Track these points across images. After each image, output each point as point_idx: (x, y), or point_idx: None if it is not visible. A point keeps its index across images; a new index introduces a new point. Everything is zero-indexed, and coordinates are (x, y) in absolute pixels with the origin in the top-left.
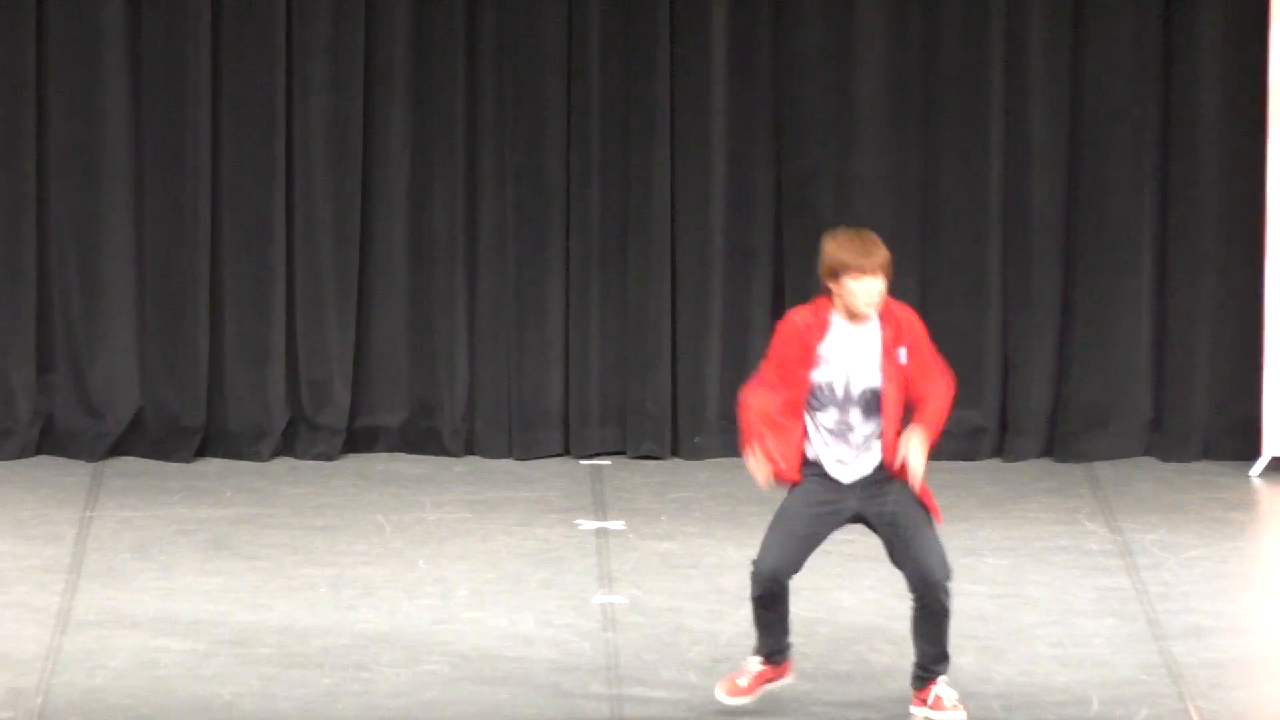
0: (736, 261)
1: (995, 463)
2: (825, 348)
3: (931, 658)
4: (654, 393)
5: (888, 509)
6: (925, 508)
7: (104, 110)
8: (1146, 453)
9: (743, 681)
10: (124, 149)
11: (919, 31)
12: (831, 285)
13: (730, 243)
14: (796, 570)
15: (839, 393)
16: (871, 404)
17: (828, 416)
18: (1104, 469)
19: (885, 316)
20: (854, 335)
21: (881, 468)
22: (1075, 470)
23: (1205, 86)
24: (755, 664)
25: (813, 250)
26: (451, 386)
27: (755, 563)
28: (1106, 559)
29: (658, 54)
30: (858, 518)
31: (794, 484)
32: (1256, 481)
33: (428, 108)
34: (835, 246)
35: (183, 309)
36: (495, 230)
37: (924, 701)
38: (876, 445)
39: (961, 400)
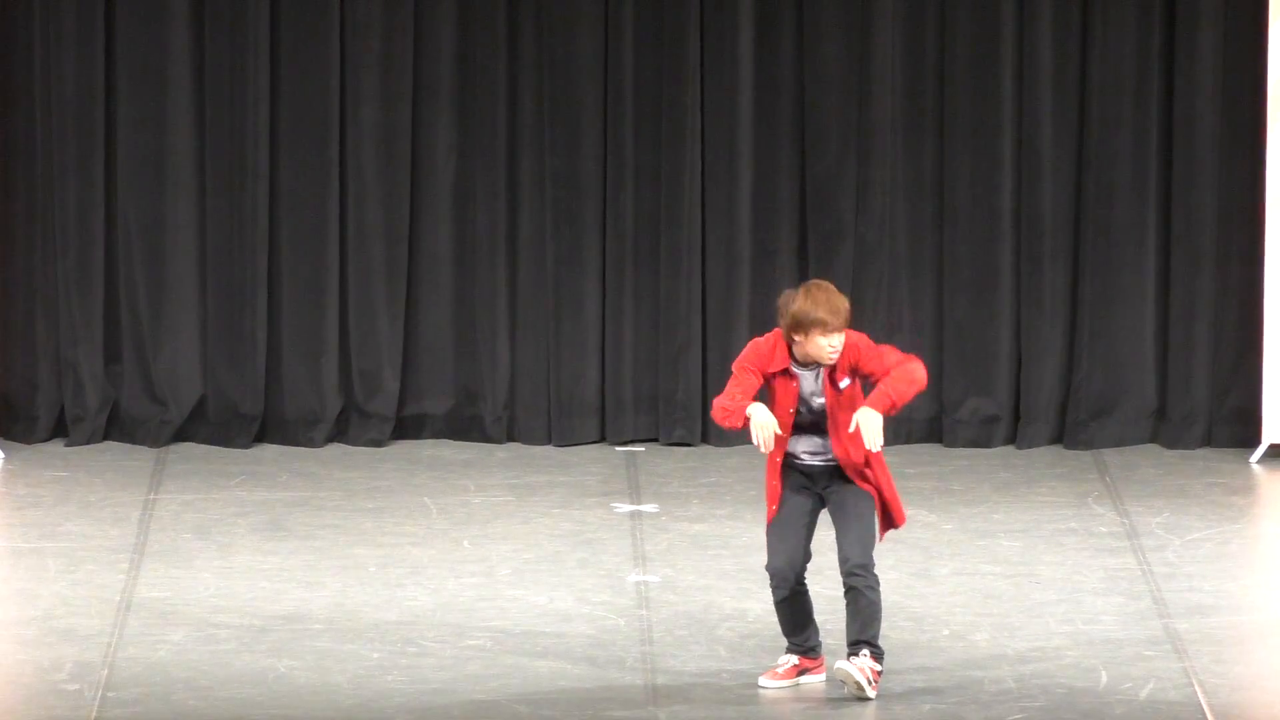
0: (761, 259)
1: (1008, 449)
2: (798, 386)
3: (852, 638)
4: (685, 382)
5: (834, 498)
6: (869, 505)
7: (169, 119)
8: (1151, 440)
9: (780, 670)
10: (188, 155)
11: (933, 45)
12: (797, 337)
13: (756, 242)
14: (806, 560)
15: (803, 413)
16: (824, 419)
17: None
18: (1111, 455)
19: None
20: (808, 373)
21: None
22: (1084, 456)
23: (1204, 95)
24: (792, 658)
25: (833, 249)
26: (494, 377)
27: (768, 565)
28: (1114, 540)
29: (688, 65)
30: (821, 502)
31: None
32: (1256, 467)
33: (471, 117)
34: (808, 304)
35: (242, 304)
36: (534, 230)
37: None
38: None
39: (976, 391)
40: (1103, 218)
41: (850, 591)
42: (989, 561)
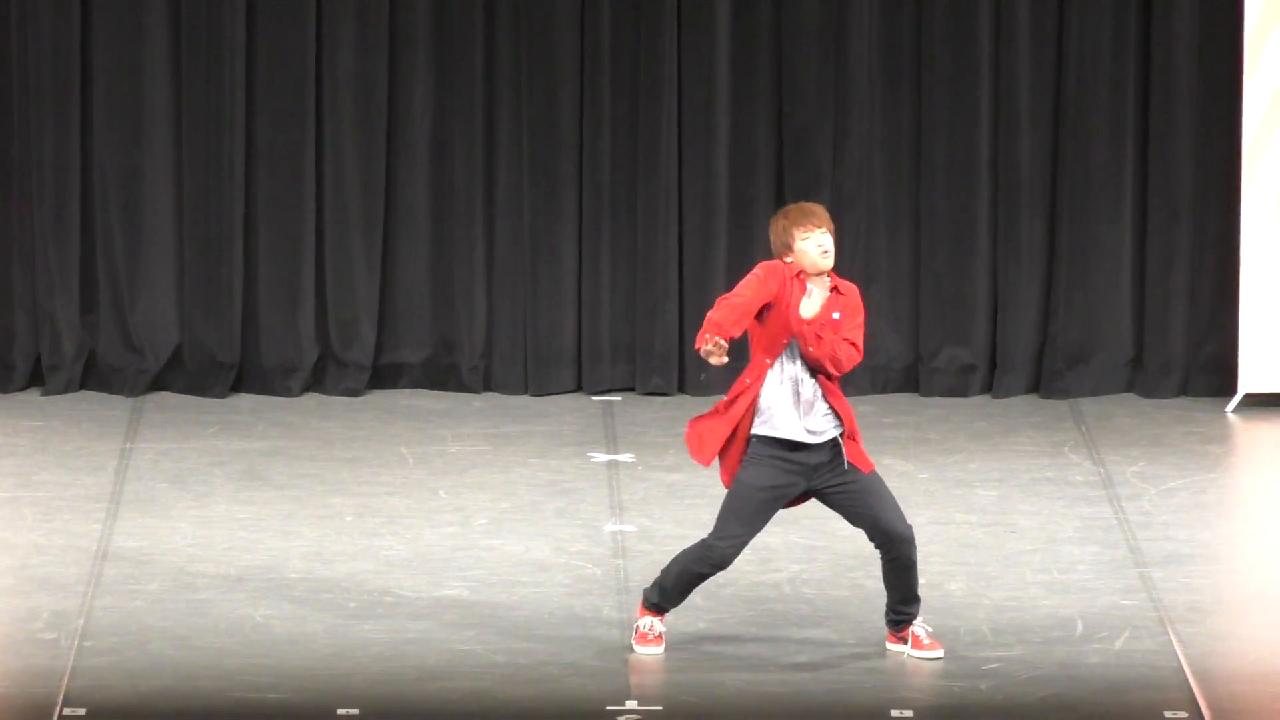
0: (739, 210)
1: (985, 399)
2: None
3: (902, 601)
4: (662, 332)
5: (837, 479)
6: (874, 473)
7: (146, 70)
8: (1128, 389)
9: (652, 636)
10: (164, 105)
11: None
12: (789, 256)
13: (733, 192)
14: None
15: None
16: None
17: (791, 368)
18: (1087, 405)
19: (835, 288)
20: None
21: (833, 444)
22: (1060, 406)
23: (1181, 47)
24: (659, 624)
25: (810, 200)
26: (471, 326)
27: (714, 544)
28: (1090, 490)
29: (665, 16)
30: (806, 494)
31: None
32: (1231, 417)
33: (448, 67)
34: (780, 218)
35: (219, 253)
36: (512, 181)
37: (903, 640)
38: (827, 408)
39: (952, 340)
40: (1080, 169)
41: (902, 562)
42: (965, 510)
